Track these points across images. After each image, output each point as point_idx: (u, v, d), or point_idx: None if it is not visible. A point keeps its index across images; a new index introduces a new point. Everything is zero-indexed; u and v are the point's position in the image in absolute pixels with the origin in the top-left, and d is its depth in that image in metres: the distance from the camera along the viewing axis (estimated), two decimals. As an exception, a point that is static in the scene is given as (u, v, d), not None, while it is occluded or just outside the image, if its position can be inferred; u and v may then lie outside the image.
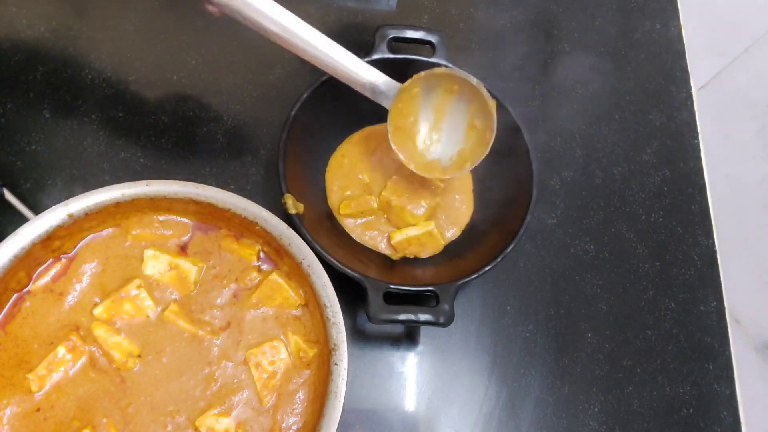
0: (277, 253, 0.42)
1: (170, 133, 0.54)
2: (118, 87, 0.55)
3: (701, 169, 0.62)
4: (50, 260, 0.41)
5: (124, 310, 0.41)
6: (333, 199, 0.52)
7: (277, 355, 0.41)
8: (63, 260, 0.41)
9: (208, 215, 0.43)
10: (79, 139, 0.52)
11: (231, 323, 0.41)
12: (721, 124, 0.65)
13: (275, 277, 0.42)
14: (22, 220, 0.41)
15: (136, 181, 0.41)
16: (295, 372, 0.41)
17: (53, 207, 0.39)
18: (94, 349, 0.40)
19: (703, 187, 0.61)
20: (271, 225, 0.41)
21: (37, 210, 0.42)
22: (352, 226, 0.52)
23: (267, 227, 0.41)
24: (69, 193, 0.49)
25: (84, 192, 0.41)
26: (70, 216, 0.40)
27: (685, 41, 0.68)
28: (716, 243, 0.58)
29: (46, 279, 0.41)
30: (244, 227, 0.42)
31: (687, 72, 0.66)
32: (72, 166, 0.51)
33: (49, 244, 0.40)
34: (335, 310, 0.40)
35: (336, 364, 0.38)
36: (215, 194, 0.42)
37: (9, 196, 0.45)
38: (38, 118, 0.53)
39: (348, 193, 0.52)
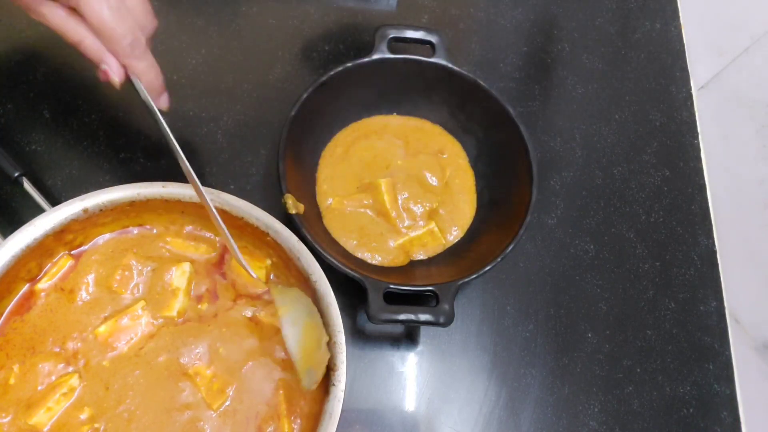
0: (286, 266, 0.42)
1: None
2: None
3: (701, 169, 0.62)
4: (62, 253, 0.42)
5: (123, 330, 0.41)
6: (324, 198, 0.52)
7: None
8: (73, 256, 0.42)
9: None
10: (79, 139, 0.52)
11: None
12: (721, 124, 0.65)
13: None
14: (38, 210, 0.42)
15: (152, 182, 0.41)
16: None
17: (69, 201, 0.40)
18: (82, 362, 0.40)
19: (703, 187, 0.61)
20: (282, 237, 0.41)
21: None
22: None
23: (278, 239, 0.41)
24: (68, 194, 0.49)
25: (83, 192, 0.41)
26: (85, 211, 0.40)
27: (685, 41, 0.68)
28: (716, 243, 0.58)
29: (56, 277, 0.41)
30: (256, 237, 0.42)
31: (687, 72, 0.66)
32: (72, 166, 0.51)
33: (62, 237, 0.41)
34: (338, 330, 0.39)
35: (334, 384, 0.38)
36: (230, 201, 0.42)
37: (28, 186, 0.45)
38: (38, 118, 0.53)
39: (345, 200, 0.52)
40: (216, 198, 0.42)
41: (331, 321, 0.39)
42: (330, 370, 0.38)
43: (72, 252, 0.42)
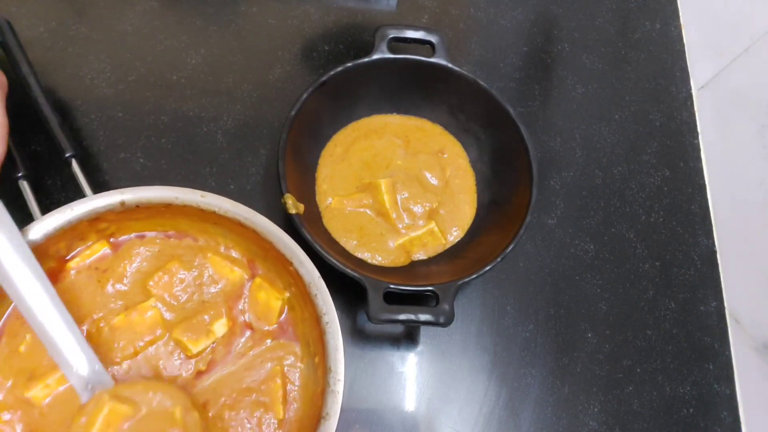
0: (304, 300, 0.42)
1: (170, 133, 0.54)
2: (118, 87, 0.55)
3: (701, 169, 0.62)
4: (95, 240, 0.42)
5: (134, 326, 0.41)
6: (324, 198, 0.52)
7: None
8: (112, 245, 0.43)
9: (249, 239, 0.43)
10: (78, 139, 0.52)
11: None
12: (721, 124, 0.65)
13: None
14: (78, 194, 0.43)
15: (193, 189, 0.42)
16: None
17: (109, 191, 0.41)
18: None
19: (703, 187, 0.61)
20: (305, 269, 0.41)
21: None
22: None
23: (300, 270, 0.41)
24: (68, 194, 0.49)
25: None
26: (123, 204, 0.41)
27: (685, 41, 0.68)
28: (716, 243, 0.58)
29: (90, 259, 0.42)
30: (280, 263, 0.42)
31: (687, 72, 0.66)
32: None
33: (96, 225, 0.42)
34: (338, 378, 0.38)
35: None
36: (263, 223, 0.41)
37: (75, 167, 0.46)
38: (38, 118, 0.52)
39: (345, 200, 0.52)
40: (250, 218, 0.41)
41: (333, 366, 0.38)
42: (321, 417, 0.37)
43: (111, 240, 0.43)
